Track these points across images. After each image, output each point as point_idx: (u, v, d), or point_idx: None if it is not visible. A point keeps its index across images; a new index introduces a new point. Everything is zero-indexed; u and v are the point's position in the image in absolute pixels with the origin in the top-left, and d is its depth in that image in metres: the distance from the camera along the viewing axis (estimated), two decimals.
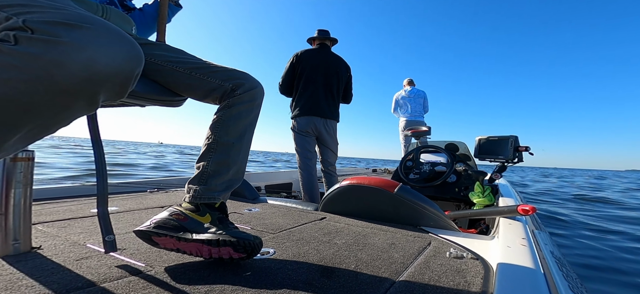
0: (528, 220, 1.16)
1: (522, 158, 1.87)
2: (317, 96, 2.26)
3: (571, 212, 4.39)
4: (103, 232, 0.68)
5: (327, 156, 2.37)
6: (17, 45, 0.39)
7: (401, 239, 0.95)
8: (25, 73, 0.39)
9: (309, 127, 2.27)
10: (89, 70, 0.41)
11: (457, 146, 2.47)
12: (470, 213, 1.46)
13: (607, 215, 4.31)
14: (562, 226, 3.49)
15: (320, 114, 2.26)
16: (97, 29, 0.43)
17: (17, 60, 0.39)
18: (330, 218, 1.20)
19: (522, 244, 0.84)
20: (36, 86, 0.39)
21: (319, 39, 2.41)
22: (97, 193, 0.68)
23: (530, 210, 1.02)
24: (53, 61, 0.39)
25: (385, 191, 1.16)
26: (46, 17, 0.41)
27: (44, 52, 0.39)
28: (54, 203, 1.25)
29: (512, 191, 1.93)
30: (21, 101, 0.40)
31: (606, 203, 5.63)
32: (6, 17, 0.42)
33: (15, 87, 0.39)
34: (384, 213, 1.19)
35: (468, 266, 0.74)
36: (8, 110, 0.40)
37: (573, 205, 5.23)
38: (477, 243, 0.94)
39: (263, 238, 0.91)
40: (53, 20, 0.41)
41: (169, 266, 0.68)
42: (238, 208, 1.34)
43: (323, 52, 2.35)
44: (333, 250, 0.83)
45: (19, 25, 0.40)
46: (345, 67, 2.42)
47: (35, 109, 0.41)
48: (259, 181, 2.76)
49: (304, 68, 2.28)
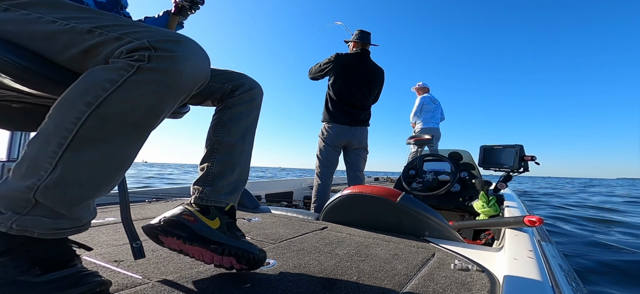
0: (535, 231, 1.13)
1: (528, 168, 1.84)
2: (351, 104, 2.21)
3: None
4: (129, 239, 0.67)
5: (357, 162, 2.32)
6: (150, 63, 0.48)
7: (404, 250, 0.93)
8: (161, 85, 0.49)
9: (339, 141, 2.22)
10: (194, 76, 0.52)
11: (461, 155, 2.44)
12: (475, 224, 1.44)
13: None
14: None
15: (353, 123, 2.22)
16: (190, 43, 0.53)
17: (153, 75, 0.48)
18: (332, 228, 1.19)
19: (529, 256, 0.82)
20: (167, 94, 0.50)
21: (361, 44, 2.28)
22: (120, 202, 0.68)
23: (537, 221, 1.00)
24: (177, 72, 0.50)
25: (387, 200, 1.14)
26: (158, 36, 0.50)
27: (170, 65, 0.49)
28: None
29: (518, 201, 1.90)
30: (157, 108, 0.51)
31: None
32: (116, 37, 0.50)
33: (156, 96, 0.50)
34: (387, 223, 1.17)
35: (474, 279, 0.72)
36: (151, 118, 0.51)
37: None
38: (482, 254, 0.92)
39: (263, 249, 0.90)
40: (165, 39, 0.50)
41: (167, 279, 0.66)
42: (238, 218, 1.33)
43: (364, 60, 2.26)
44: (335, 261, 0.81)
45: (146, 45, 0.49)
46: (382, 77, 2.35)
47: (162, 114, 0.53)
48: (260, 190, 2.75)
49: (341, 72, 2.20)
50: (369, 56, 2.32)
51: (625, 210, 6.16)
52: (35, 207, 0.49)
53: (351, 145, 2.29)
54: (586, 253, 2.69)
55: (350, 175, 2.35)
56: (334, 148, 2.25)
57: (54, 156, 0.48)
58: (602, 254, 2.65)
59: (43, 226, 0.49)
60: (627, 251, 2.76)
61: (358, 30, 2.34)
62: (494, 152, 1.98)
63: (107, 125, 0.49)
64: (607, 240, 3.15)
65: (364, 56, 2.28)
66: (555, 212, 5.54)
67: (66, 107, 0.49)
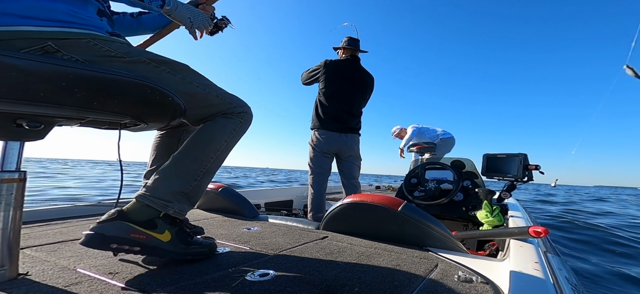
0: (540, 242, 1.11)
1: (532, 177, 1.82)
2: (341, 110, 2.18)
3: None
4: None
5: (351, 170, 2.28)
6: (244, 118, 0.93)
7: (406, 260, 0.91)
8: (243, 131, 0.93)
9: (329, 148, 2.19)
10: (251, 121, 0.96)
11: (463, 163, 2.42)
12: (479, 234, 1.41)
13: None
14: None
15: (343, 130, 2.18)
16: (247, 105, 0.95)
17: (244, 125, 0.94)
18: (333, 237, 1.17)
19: (535, 268, 0.79)
20: (243, 133, 0.94)
21: (350, 50, 2.28)
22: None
23: (542, 232, 0.97)
24: (249, 122, 0.95)
25: (389, 209, 1.12)
26: (242, 102, 0.94)
27: (249, 118, 0.95)
28: (43, 226, 1.18)
29: (522, 210, 1.87)
30: (237, 142, 0.94)
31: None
32: (229, 101, 0.91)
33: (241, 136, 0.93)
34: (388, 232, 1.14)
35: (477, 291, 0.70)
36: (233, 147, 0.93)
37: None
38: (486, 265, 0.89)
39: (262, 259, 0.88)
40: (243, 103, 0.94)
41: (164, 290, 0.64)
42: (236, 227, 1.31)
43: (353, 65, 2.25)
44: (335, 272, 0.79)
45: (245, 110, 0.94)
46: (372, 83, 2.33)
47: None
48: (259, 198, 2.71)
49: (330, 79, 2.19)
50: (359, 62, 2.31)
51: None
52: (183, 198, 0.82)
53: (342, 153, 2.25)
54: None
55: (346, 184, 2.30)
56: (324, 155, 2.22)
57: (203, 170, 0.85)
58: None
59: (185, 210, 0.84)
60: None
61: (347, 36, 2.34)
62: (498, 161, 1.96)
63: (224, 154, 0.90)
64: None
65: (354, 62, 2.27)
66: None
67: (214, 142, 0.86)
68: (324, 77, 2.21)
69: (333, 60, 2.25)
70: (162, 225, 0.78)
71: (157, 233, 0.77)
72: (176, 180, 0.81)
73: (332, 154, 2.25)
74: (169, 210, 0.80)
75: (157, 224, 0.78)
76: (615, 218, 5.89)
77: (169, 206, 0.80)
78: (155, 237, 0.77)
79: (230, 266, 0.80)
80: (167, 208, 0.79)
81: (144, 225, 0.76)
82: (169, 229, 0.79)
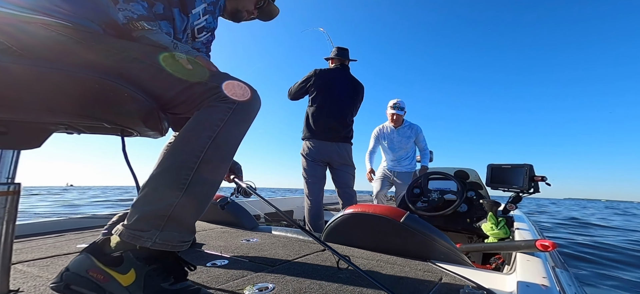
0: (548, 256, 1.07)
1: (539, 189, 1.78)
2: (332, 119, 2.20)
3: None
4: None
5: (345, 179, 2.26)
6: (240, 104, 0.69)
7: (410, 273, 0.88)
8: (241, 119, 0.69)
9: (321, 157, 2.19)
10: (258, 108, 0.74)
11: (467, 173, 2.38)
12: (485, 247, 1.38)
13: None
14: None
15: (334, 139, 2.19)
16: (250, 86, 0.72)
17: (240, 111, 0.69)
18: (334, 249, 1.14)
19: (543, 283, 0.76)
20: (248, 123, 0.72)
21: (339, 59, 2.33)
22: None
23: (550, 245, 0.94)
24: (248, 106, 0.71)
25: (391, 220, 1.10)
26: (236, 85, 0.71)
27: (248, 102, 0.70)
28: (36, 240, 1.15)
29: (528, 223, 1.83)
30: (243, 134, 0.72)
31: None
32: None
33: (243, 126, 0.71)
34: (391, 244, 1.12)
35: None
36: (238, 142, 0.71)
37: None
38: (492, 279, 0.86)
39: (262, 272, 0.86)
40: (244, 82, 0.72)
41: None
42: (236, 238, 1.29)
43: (343, 74, 2.29)
44: (336, 285, 0.77)
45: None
46: (362, 91, 2.37)
47: (242, 138, 0.72)
48: (259, 209, 2.69)
49: (321, 88, 2.21)
50: (349, 71, 2.35)
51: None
52: (168, 223, 0.61)
53: (334, 162, 2.25)
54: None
55: (341, 193, 2.29)
56: (317, 163, 2.21)
57: (186, 179, 0.63)
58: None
59: (175, 239, 0.62)
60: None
61: (336, 47, 2.40)
62: (502, 171, 1.93)
63: (217, 154, 0.66)
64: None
65: (344, 71, 2.31)
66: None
67: (193, 140, 0.65)
68: (315, 87, 2.23)
69: (323, 69, 2.30)
70: (130, 262, 0.61)
71: (117, 272, 0.60)
72: (151, 200, 0.62)
73: (325, 163, 2.25)
74: (144, 242, 0.60)
75: (124, 260, 0.61)
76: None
77: (142, 237, 0.60)
78: (114, 278, 0.59)
79: (228, 280, 0.78)
80: (140, 239, 0.60)
81: (110, 261, 0.61)
82: (135, 268, 0.60)
